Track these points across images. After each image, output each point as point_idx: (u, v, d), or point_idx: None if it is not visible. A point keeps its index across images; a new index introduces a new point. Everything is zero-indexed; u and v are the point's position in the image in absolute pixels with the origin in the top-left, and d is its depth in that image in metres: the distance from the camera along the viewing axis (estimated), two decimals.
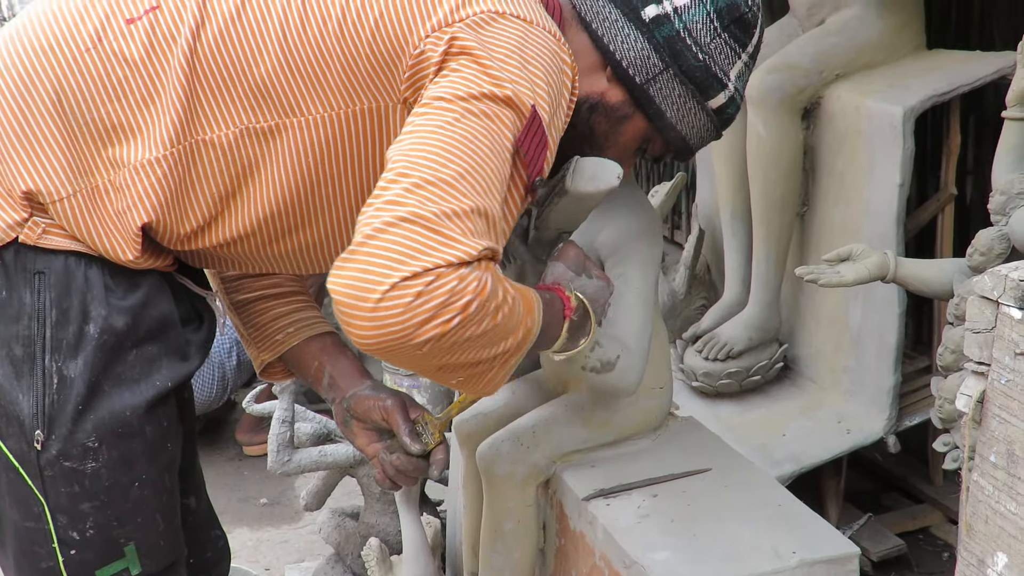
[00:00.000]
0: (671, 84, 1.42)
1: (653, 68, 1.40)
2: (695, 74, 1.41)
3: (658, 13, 1.39)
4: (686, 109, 1.44)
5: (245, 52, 1.28)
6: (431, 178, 1.13)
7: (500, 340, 1.19)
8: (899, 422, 2.70)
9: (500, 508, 1.86)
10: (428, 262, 1.09)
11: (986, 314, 1.27)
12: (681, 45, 1.40)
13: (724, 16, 1.40)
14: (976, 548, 1.33)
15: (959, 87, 2.56)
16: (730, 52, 1.42)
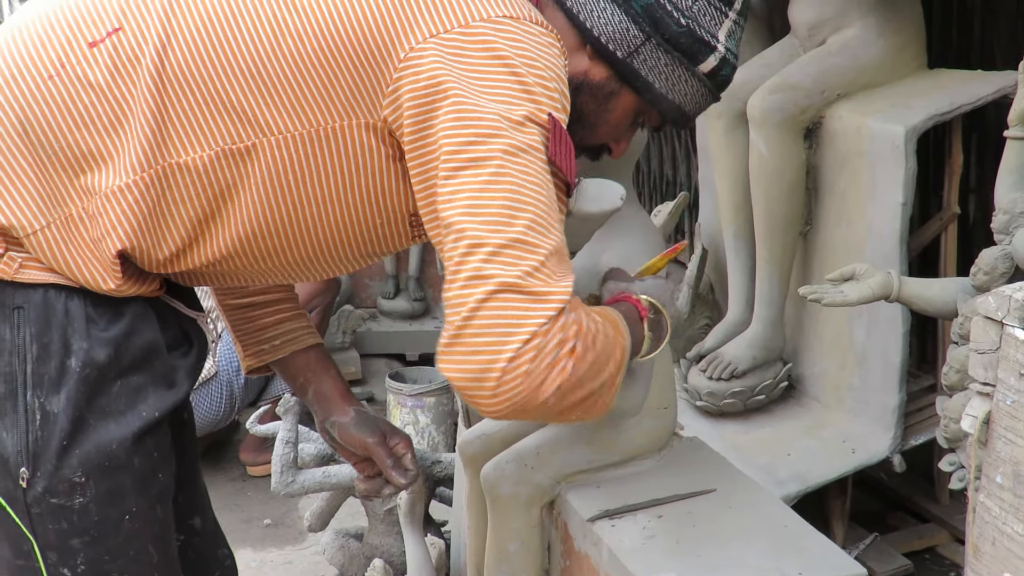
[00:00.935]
0: (655, 54, 1.36)
1: (634, 40, 1.35)
2: (679, 40, 1.36)
3: None
4: (675, 77, 1.38)
5: (216, 70, 1.24)
6: (504, 240, 1.14)
7: (605, 365, 1.22)
8: (904, 441, 2.69)
9: (504, 529, 1.85)
10: (532, 325, 1.12)
11: (991, 335, 1.27)
12: (661, 12, 1.34)
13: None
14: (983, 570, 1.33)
15: (961, 106, 2.56)
16: (715, 13, 1.37)
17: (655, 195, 4.76)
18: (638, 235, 1.77)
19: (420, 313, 4.51)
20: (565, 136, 1.22)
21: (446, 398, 3.47)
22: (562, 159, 1.22)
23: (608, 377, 1.23)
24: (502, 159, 1.16)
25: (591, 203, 1.45)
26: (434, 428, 3.47)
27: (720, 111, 2.90)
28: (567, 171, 1.23)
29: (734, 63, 1.42)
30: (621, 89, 1.40)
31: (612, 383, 1.25)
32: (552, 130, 1.21)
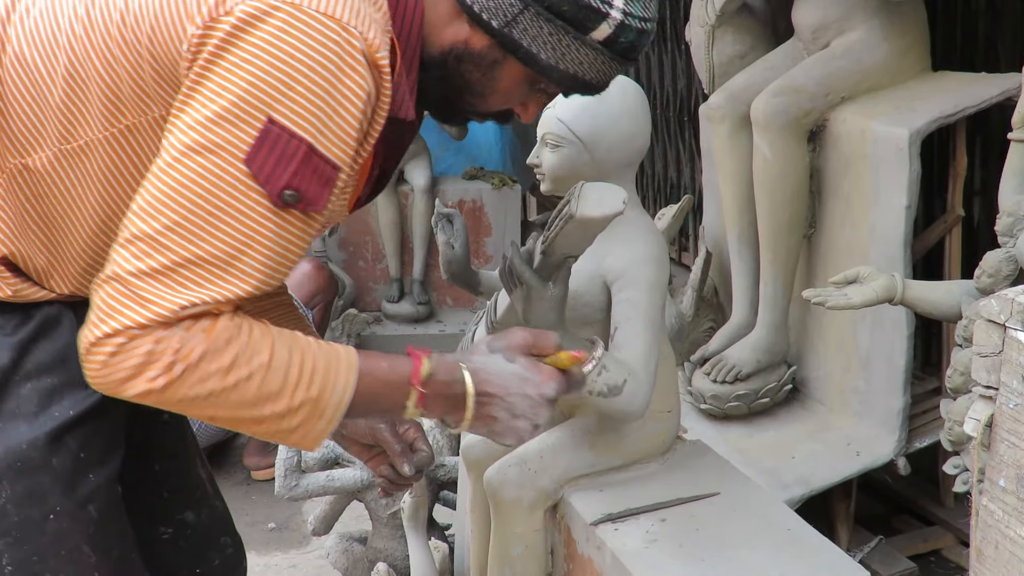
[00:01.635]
0: (536, 23, 1.26)
1: (510, 9, 1.25)
2: (561, 8, 1.25)
3: None
4: (564, 47, 1.27)
5: (41, 74, 1.23)
6: (139, 232, 1.11)
7: (258, 402, 1.15)
8: (909, 444, 2.69)
9: (508, 533, 1.85)
10: (119, 323, 1.09)
11: (993, 338, 1.26)
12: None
13: None
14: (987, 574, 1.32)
15: (965, 109, 2.56)
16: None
17: (659, 198, 4.76)
18: (641, 239, 1.77)
19: (424, 316, 4.51)
20: (287, 144, 1.13)
21: None
22: (266, 168, 1.12)
23: (274, 415, 1.16)
24: (185, 152, 1.12)
25: (593, 208, 1.46)
26: (438, 432, 3.47)
27: (724, 114, 2.90)
28: (267, 181, 1.13)
29: (640, 27, 1.30)
30: (505, 58, 1.30)
31: (290, 422, 1.17)
32: (263, 135, 1.12)
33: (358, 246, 4.57)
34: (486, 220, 4.56)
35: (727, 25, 3.00)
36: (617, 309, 1.73)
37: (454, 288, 4.60)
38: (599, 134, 1.77)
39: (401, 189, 4.45)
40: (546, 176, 1.84)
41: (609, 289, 1.76)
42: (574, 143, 1.79)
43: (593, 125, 1.77)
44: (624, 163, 1.81)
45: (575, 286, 1.71)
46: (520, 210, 4.71)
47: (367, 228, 4.53)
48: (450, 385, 1.27)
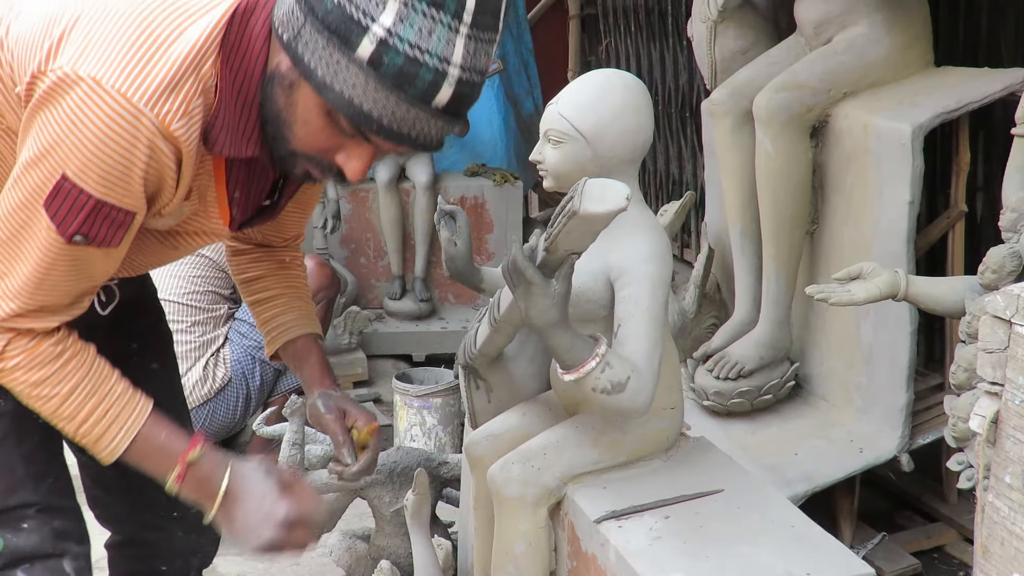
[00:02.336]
0: (314, 37, 1.25)
1: (297, 21, 1.26)
2: (330, 19, 1.23)
3: None
4: (335, 63, 1.25)
5: None
6: None
7: (53, 418, 1.41)
8: (912, 440, 2.68)
9: (511, 530, 1.85)
10: None
11: (999, 334, 1.26)
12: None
13: None
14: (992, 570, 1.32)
15: (968, 104, 2.55)
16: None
17: (661, 194, 4.75)
18: (644, 236, 1.77)
19: (426, 314, 4.51)
20: (86, 203, 1.29)
21: (453, 399, 3.46)
22: (59, 214, 1.30)
23: (62, 427, 1.42)
24: (12, 188, 1.32)
25: (596, 204, 1.45)
26: (441, 429, 3.47)
27: (726, 110, 2.90)
28: (60, 225, 1.31)
29: (411, 54, 1.23)
30: (299, 79, 1.30)
31: (83, 439, 1.42)
32: (62, 192, 1.29)
33: (360, 243, 4.57)
34: (488, 217, 4.56)
35: (729, 20, 2.99)
36: (620, 306, 1.73)
37: (456, 285, 4.60)
38: (602, 130, 1.77)
39: (403, 186, 4.45)
40: (549, 172, 1.84)
41: (612, 286, 1.75)
42: (577, 139, 1.78)
43: (596, 121, 1.77)
44: (627, 159, 1.81)
45: (578, 283, 1.70)
46: (522, 207, 4.70)
47: (369, 225, 4.53)
48: (209, 477, 1.44)
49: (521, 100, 5.06)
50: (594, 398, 1.67)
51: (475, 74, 1.27)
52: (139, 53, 1.28)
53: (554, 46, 5.45)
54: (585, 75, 1.86)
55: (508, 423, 1.99)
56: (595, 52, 5.36)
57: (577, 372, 1.63)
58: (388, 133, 1.28)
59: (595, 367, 1.63)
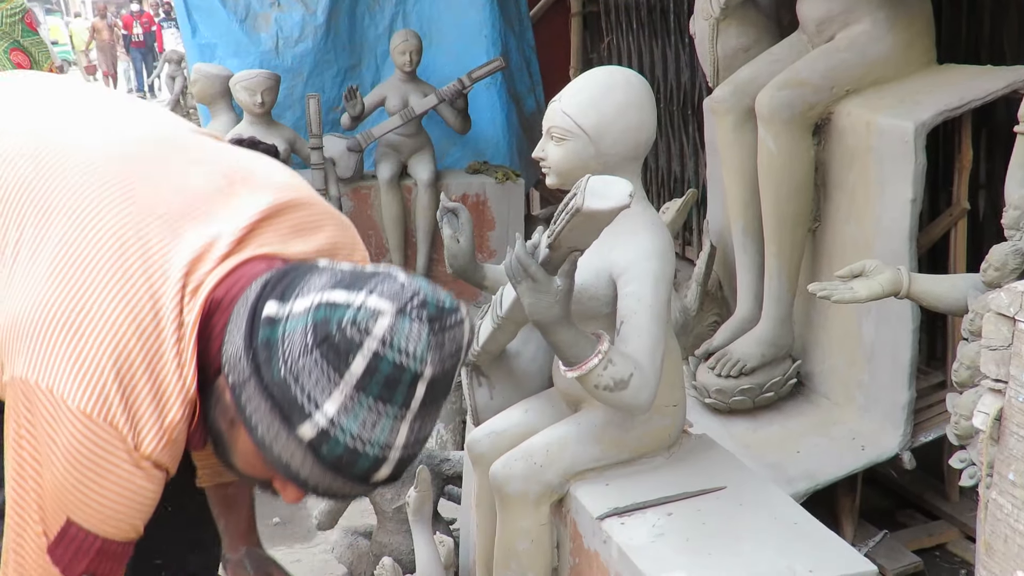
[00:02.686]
0: (258, 396, 1.18)
1: (242, 372, 1.19)
2: (273, 391, 1.17)
3: (272, 314, 1.19)
4: (275, 431, 1.18)
5: None
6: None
7: None
8: (914, 438, 2.68)
9: (513, 527, 1.85)
10: None
11: (1003, 331, 1.26)
12: (273, 353, 1.17)
13: (318, 330, 1.15)
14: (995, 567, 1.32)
15: (970, 102, 2.55)
16: (322, 376, 1.15)
17: (663, 192, 4.75)
18: (647, 233, 1.77)
19: None
20: (92, 544, 1.26)
21: (455, 396, 3.46)
22: (74, 561, 1.27)
23: None
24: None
25: (599, 201, 1.45)
26: (442, 426, 3.47)
27: (728, 107, 2.90)
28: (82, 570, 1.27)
29: (352, 445, 1.17)
30: (239, 420, 1.23)
31: None
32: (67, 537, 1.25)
33: (362, 240, 4.56)
34: (489, 214, 4.56)
35: (731, 18, 2.99)
36: (623, 303, 1.73)
37: (458, 282, 4.58)
38: (604, 127, 1.77)
39: (405, 183, 4.45)
40: (551, 170, 1.84)
41: (615, 283, 1.75)
42: (579, 136, 1.78)
43: (599, 118, 1.77)
44: (630, 156, 1.81)
45: (581, 280, 1.70)
46: (524, 204, 4.70)
47: (371, 222, 4.53)
48: None
49: (523, 97, 5.06)
50: (596, 395, 1.67)
51: (418, 445, 1.22)
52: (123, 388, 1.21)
53: (556, 43, 5.44)
54: (588, 72, 1.86)
55: (510, 420, 1.99)
56: (597, 50, 5.36)
57: (580, 369, 1.64)
58: (324, 495, 1.25)
59: (598, 364, 1.63)
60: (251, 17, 4.77)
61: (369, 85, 4.68)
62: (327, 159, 4.08)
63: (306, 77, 4.72)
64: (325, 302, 1.16)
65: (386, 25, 4.83)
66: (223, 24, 4.75)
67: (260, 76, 4.15)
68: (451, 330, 1.20)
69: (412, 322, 1.16)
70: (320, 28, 4.71)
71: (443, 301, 1.21)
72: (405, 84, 4.36)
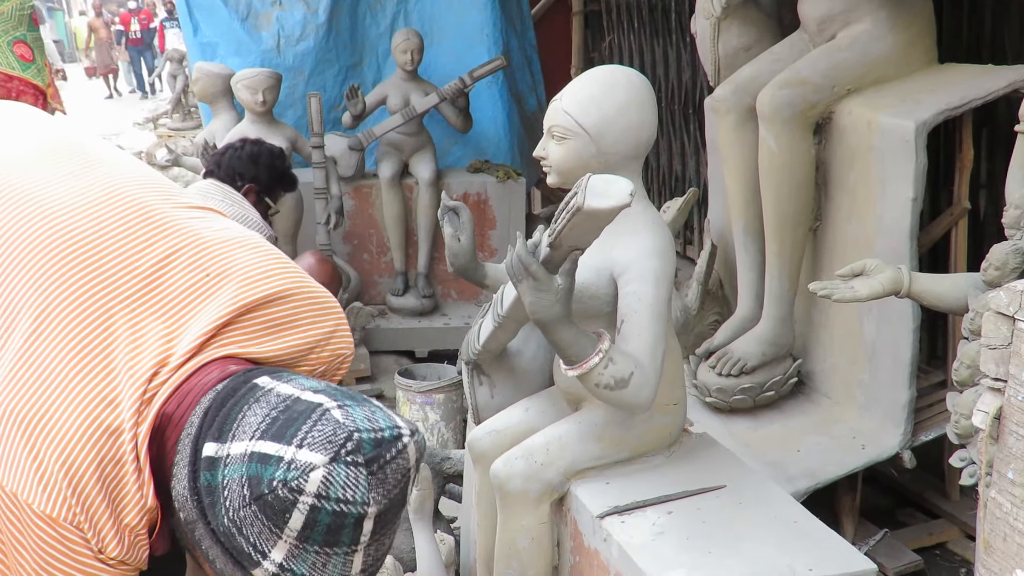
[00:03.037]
0: (207, 538, 1.19)
1: (191, 515, 1.20)
2: (220, 537, 1.18)
3: (213, 455, 1.18)
4: (231, 570, 1.19)
5: None
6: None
7: None
8: (914, 437, 2.68)
9: (514, 525, 1.86)
10: None
11: (1002, 330, 1.26)
12: (215, 499, 1.17)
13: (252, 486, 1.14)
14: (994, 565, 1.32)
15: (971, 101, 2.55)
16: (263, 528, 1.15)
17: (664, 191, 4.76)
18: (648, 232, 1.77)
19: (429, 310, 4.52)
20: None
21: (455, 395, 3.47)
22: None
23: None
24: None
25: (599, 199, 1.45)
26: (443, 425, 3.48)
27: (729, 106, 2.90)
28: None
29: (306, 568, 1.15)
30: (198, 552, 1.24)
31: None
32: None
33: (363, 239, 4.57)
34: (490, 213, 4.56)
35: (732, 17, 2.99)
36: (624, 302, 1.73)
37: (459, 281, 4.60)
38: (605, 126, 1.77)
39: (406, 182, 4.45)
40: (553, 168, 1.84)
41: (616, 282, 1.75)
42: (580, 135, 1.78)
43: (600, 117, 1.77)
44: (631, 155, 1.81)
45: (582, 279, 1.71)
46: (525, 203, 4.71)
47: (372, 221, 4.53)
48: None
49: (524, 97, 5.07)
50: (597, 393, 1.67)
51: (377, 563, 1.20)
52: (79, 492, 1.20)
53: (557, 43, 5.45)
54: (589, 71, 1.86)
55: (511, 419, 1.99)
56: (598, 49, 5.36)
57: (580, 368, 1.64)
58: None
59: (598, 363, 1.63)
60: (252, 16, 4.78)
61: (370, 84, 4.69)
62: (328, 158, 4.09)
63: (307, 76, 4.73)
64: (257, 453, 1.14)
65: (387, 24, 4.83)
66: (225, 23, 4.76)
67: (262, 75, 4.15)
68: (392, 462, 1.15)
69: (348, 468, 1.12)
70: (321, 27, 4.71)
71: (381, 433, 1.15)
72: (406, 83, 4.37)
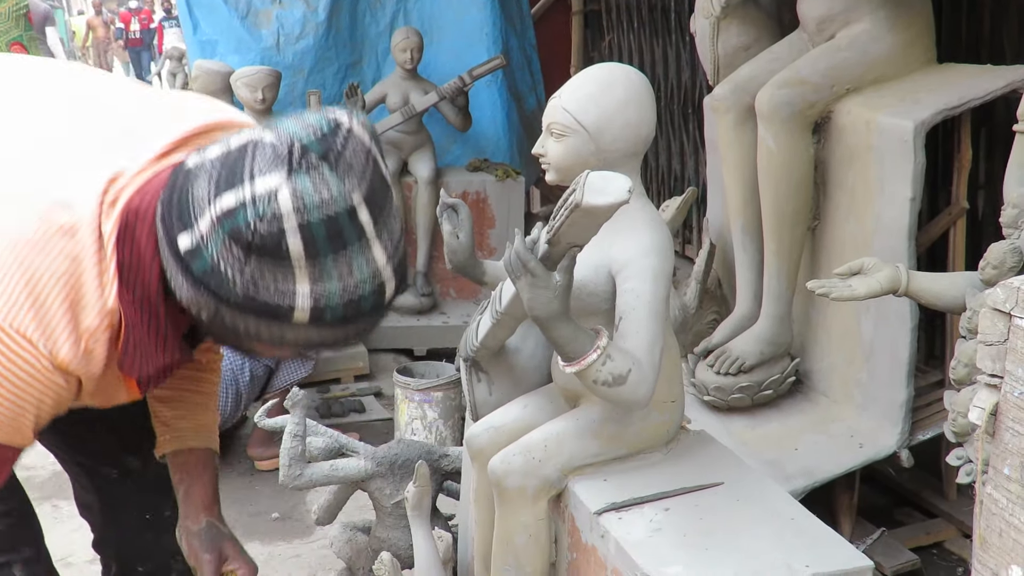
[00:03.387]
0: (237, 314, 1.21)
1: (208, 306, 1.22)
2: (246, 306, 1.20)
3: (190, 246, 1.19)
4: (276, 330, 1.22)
5: None
6: None
7: None
8: (912, 436, 2.69)
9: (512, 522, 1.86)
10: None
11: (999, 326, 1.27)
12: (218, 280, 1.19)
13: (238, 242, 1.16)
14: (990, 561, 1.33)
15: (970, 101, 2.56)
16: (275, 272, 1.17)
17: (663, 191, 4.76)
18: (646, 229, 1.77)
19: (428, 308, 4.52)
20: None
21: (454, 393, 3.47)
22: None
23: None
24: None
25: (598, 196, 1.45)
26: (441, 423, 3.48)
27: (728, 106, 2.90)
28: None
29: (346, 297, 1.19)
30: (244, 340, 1.26)
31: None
32: None
33: None
34: (489, 212, 4.56)
35: (732, 16, 3.00)
36: (622, 299, 1.73)
37: (457, 280, 4.60)
38: (604, 123, 1.77)
39: (405, 180, 4.45)
40: (551, 166, 1.84)
41: (614, 279, 1.76)
42: (579, 132, 1.78)
43: (599, 114, 1.77)
44: (629, 152, 1.81)
45: (580, 276, 1.71)
46: (524, 202, 4.71)
47: None
48: None
49: (524, 96, 5.07)
50: (595, 390, 1.67)
51: (399, 246, 1.23)
52: (34, 295, 1.21)
53: (557, 42, 5.45)
54: (588, 69, 1.86)
55: (509, 415, 1.99)
56: (598, 48, 5.36)
57: (578, 364, 1.64)
58: (353, 341, 1.29)
59: (596, 359, 1.63)
60: (252, 14, 4.78)
61: (370, 82, 4.69)
62: None
63: (307, 74, 4.73)
64: (222, 212, 1.14)
65: (387, 22, 4.83)
66: (224, 21, 4.76)
67: (261, 72, 4.15)
68: (347, 147, 1.15)
69: (308, 174, 1.12)
70: (321, 25, 4.71)
71: (319, 129, 1.15)
72: (406, 81, 4.37)
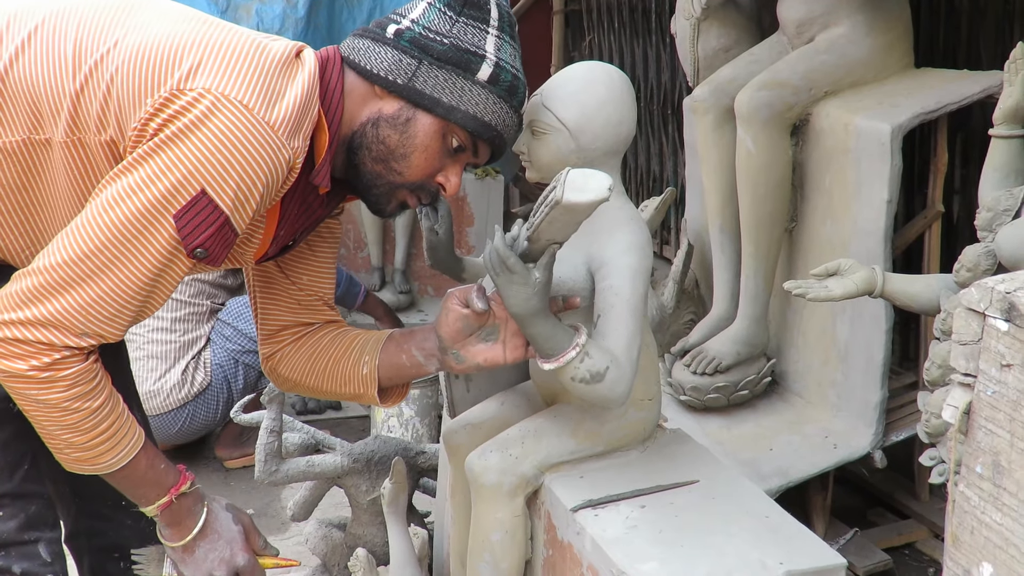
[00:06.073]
0: (432, 73, 1.54)
1: (409, 67, 1.54)
2: (447, 56, 1.54)
3: (398, 28, 1.56)
4: (459, 89, 1.55)
5: (30, 71, 1.45)
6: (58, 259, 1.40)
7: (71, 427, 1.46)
8: (886, 437, 2.71)
9: (488, 519, 1.86)
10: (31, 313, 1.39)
11: (973, 326, 1.28)
12: (425, 40, 1.55)
13: (455, 6, 1.56)
14: (962, 559, 1.34)
15: (947, 105, 2.58)
16: (475, 30, 1.56)
17: (641, 191, 4.77)
18: (625, 227, 1.78)
19: (406, 305, 4.51)
20: (212, 215, 1.41)
21: (431, 391, 3.47)
22: (188, 227, 1.41)
23: (66, 436, 1.46)
24: (125, 199, 1.39)
25: (578, 193, 1.46)
26: (418, 420, 3.48)
27: (708, 107, 2.92)
28: (187, 237, 1.41)
29: (515, 72, 1.60)
30: (415, 112, 1.56)
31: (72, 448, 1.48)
32: (197, 206, 1.40)
33: None
34: (468, 210, 4.56)
35: (712, 18, 3.01)
36: (600, 297, 1.74)
37: (436, 277, 4.59)
38: (585, 122, 1.77)
39: None
40: (532, 164, 1.84)
41: (593, 277, 1.76)
42: (560, 130, 1.78)
43: (579, 112, 1.77)
44: (610, 151, 1.81)
45: (559, 273, 1.71)
46: (503, 201, 4.71)
47: (349, 216, 4.52)
48: (189, 512, 1.61)
49: None
50: (573, 387, 1.67)
51: (521, 71, 1.64)
52: (273, 86, 1.44)
53: (537, 42, 5.45)
54: (569, 67, 1.86)
55: (486, 412, 1.99)
56: (578, 48, 5.37)
57: (556, 361, 1.64)
58: (496, 139, 1.61)
59: (574, 357, 1.64)
60: (232, 8, 4.74)
61: None
62: None
63: None
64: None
65: (363, 19, 4.81)
66: None
67: None
68: None
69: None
70: (301, 21, 4.69)
71: None
72: None
